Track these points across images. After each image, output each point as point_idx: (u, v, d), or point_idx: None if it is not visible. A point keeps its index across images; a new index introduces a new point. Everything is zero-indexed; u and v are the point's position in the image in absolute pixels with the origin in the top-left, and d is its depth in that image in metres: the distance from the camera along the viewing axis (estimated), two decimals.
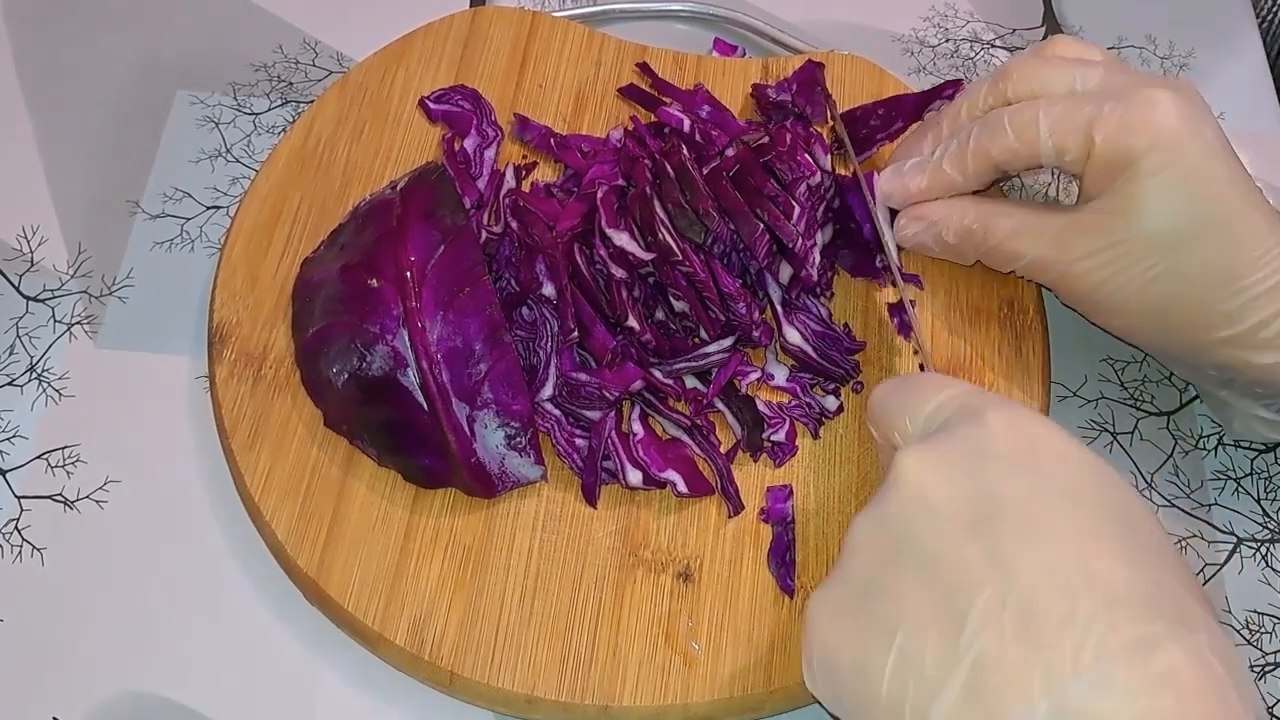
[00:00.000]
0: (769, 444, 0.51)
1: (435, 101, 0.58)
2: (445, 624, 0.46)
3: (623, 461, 0.49)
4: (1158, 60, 0.68)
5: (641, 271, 0.51)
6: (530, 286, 0.51)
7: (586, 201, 0.52)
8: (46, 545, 0.50)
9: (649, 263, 0.50)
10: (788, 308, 0.52)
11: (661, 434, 0.51)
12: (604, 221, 0.51)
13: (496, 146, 0.57)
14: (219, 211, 0.59)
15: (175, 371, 0.54)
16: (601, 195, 0.52)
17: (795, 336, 0.52)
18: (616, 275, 0.50)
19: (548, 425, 0.50)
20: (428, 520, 0.49)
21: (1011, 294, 0.55)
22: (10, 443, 0.52)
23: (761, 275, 0.52)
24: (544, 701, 0.45)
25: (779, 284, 0.52)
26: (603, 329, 0.50)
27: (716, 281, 0.50)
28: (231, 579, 0.50)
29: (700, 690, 0.46)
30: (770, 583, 0.48)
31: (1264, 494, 0.54)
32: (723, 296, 0.50)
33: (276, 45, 0.64)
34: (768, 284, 0.52)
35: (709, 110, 0.58)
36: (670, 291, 0.50)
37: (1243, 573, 0.52)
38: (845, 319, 0.54)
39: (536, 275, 0.51)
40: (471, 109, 0.58)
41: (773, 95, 0.58)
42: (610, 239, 0.50)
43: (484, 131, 0.57)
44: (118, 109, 0.62)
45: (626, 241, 0.50)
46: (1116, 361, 0.57)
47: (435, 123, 0.58)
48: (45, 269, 0.57)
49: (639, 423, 0.50)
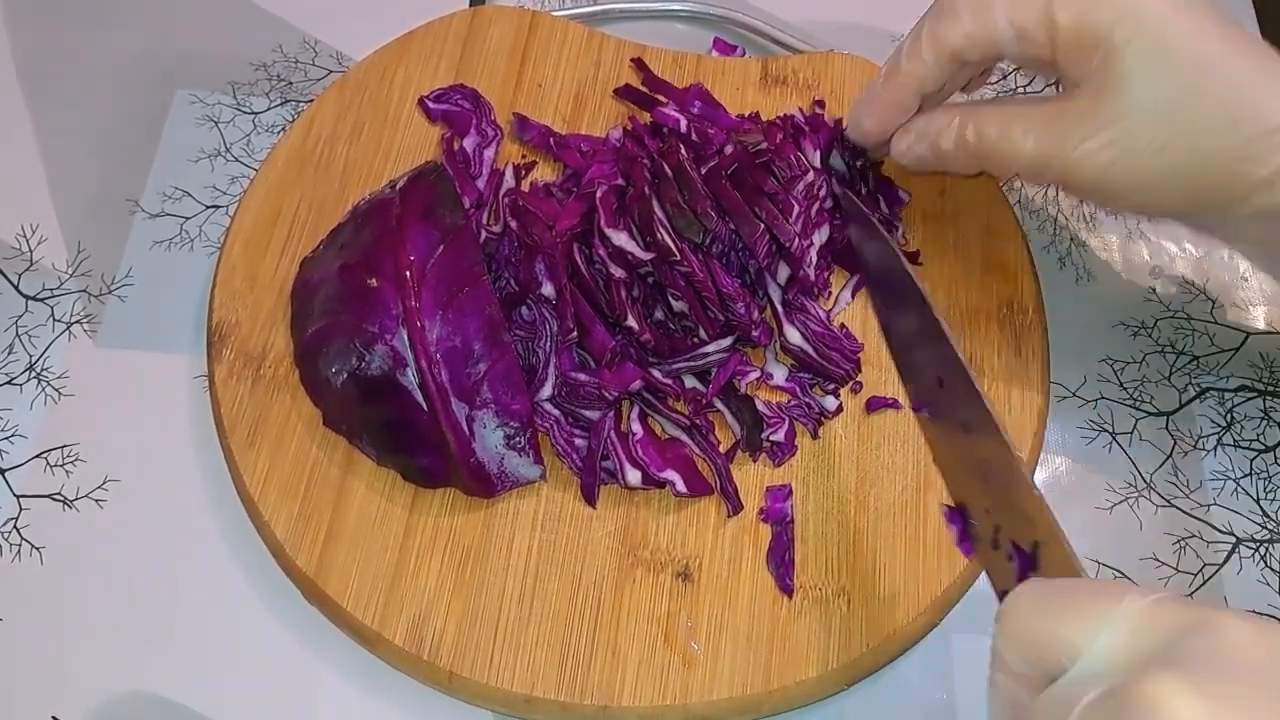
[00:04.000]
0: (768, 444, 0.51)
1: (435, 101, 0.58)
2: (444, 624, 0.46)
3: (622, 461, 0.49)
4: None
5: (641, 271, 0.51)
6: (529, 286, 0.51)
7: (585, 201, 0.52)
8: (45, 544, 0.50)
9: (648, 263, 0.50)
10: (788, 307, 0.52)
11: (661, 434, 0.51)
12: (603, 221, 0.51)
13: (496, 146, 0.57)
14: (218, 211, 0.59)
15: (174, 371, 0.54)
16: (600, 195, 0.51)
17: (796, 336, 0.52)
18: (615, 275, 0.50)
19: (547, 425, 0.50)
20: (427, 520, 0.49)
21: (1011, 294, 0.55)
22: (9, 442, 0.52)
23: (761, 275, 0.52)
24: (543, 701, 0.45)
25: (779, 284, 0.52)
26: (602, 329, 0.50)
27: (715, 281, 0.50)
28: (230, 578, 0.50)
29: (699, 690, 0.46)
30: (769, 583, 0.48)
31: (1263, 494, 0.54)
32: (721, 296, 0.50)
33: (276, 44, 0.64)
34: (767, 284, 0.52)
35: (701, 106, 0.58)
36: (669, 291, 0.50)
37: (1241, 573, 0.52)
38: (844, 320, 0.54)
39: (536, 275, 0.51)
40: (471, 108, 0.58)
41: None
42: (609, 238, 0.50)
43: (483, 131, 0.57)
44: (117, 108, 0.62)
45: (625, 241, 0.50)
46: (1116, 362, 0.57)
47: (435, 122, 0.58)
48: (45, 268, 0.57)
49: (638, 422, 0.50)
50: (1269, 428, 0.56)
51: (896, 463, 0.51)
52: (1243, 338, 0.58)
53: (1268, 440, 0.56)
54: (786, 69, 0.61)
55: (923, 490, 0.50)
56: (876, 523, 0.49)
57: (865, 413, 0.52)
